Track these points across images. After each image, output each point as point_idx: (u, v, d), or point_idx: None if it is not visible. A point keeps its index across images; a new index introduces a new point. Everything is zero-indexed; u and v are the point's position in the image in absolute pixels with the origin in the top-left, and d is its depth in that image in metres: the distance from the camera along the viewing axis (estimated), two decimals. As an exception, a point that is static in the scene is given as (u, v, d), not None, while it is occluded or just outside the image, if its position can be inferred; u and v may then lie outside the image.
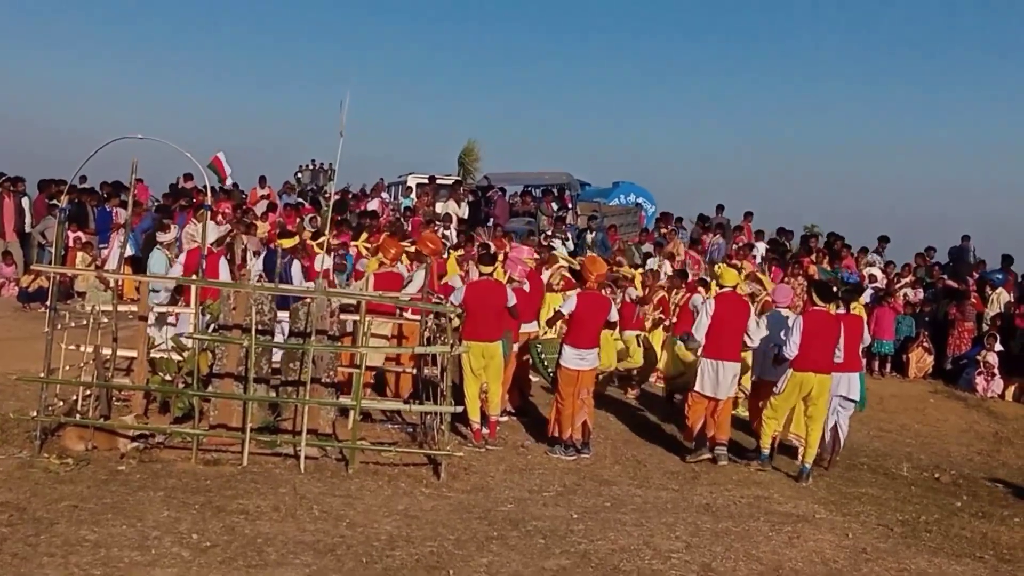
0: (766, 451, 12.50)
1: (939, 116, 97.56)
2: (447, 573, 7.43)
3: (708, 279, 17.76)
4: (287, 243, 15.15)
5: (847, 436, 13.29)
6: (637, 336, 16.80)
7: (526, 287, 14.19)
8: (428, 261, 13.82)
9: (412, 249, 14.96)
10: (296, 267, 14.57)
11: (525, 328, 14.02)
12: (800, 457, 12.29)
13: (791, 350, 11.96)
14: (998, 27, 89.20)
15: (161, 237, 16.30)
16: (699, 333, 12.51)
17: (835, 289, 13.48)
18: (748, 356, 13.16)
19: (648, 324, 17.30)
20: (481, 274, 12.67)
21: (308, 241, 17.67)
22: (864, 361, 20.13)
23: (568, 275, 17.41)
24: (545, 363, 13.46)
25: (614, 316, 12.86)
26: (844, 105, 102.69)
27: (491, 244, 18.50)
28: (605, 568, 7.91)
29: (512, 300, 12.39)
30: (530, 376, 14.66)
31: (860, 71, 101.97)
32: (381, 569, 7.38)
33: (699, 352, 12.75)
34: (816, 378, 12.05)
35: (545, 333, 14.66)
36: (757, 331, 12.54)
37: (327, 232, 14.16)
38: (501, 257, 14.09)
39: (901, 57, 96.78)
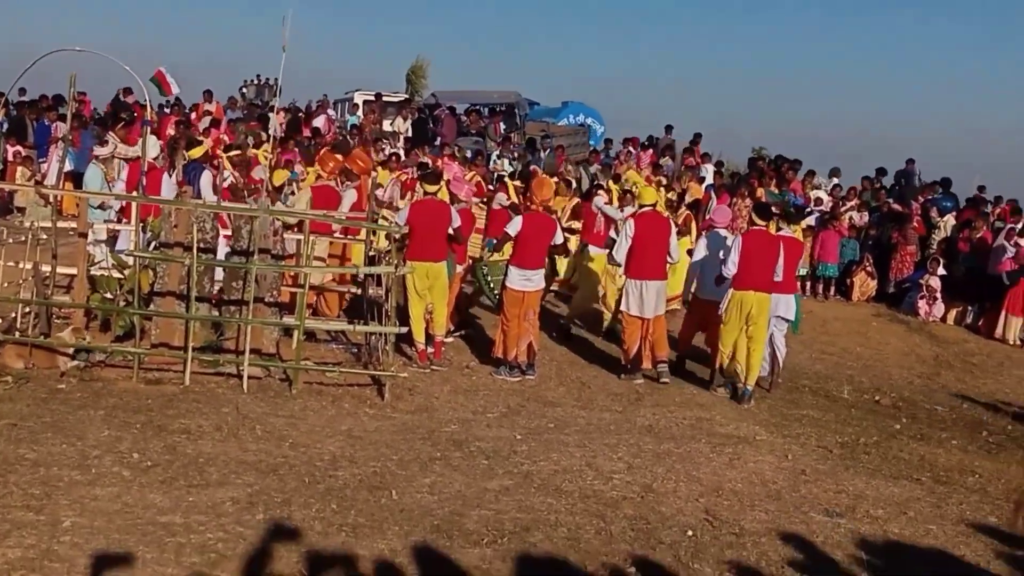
0: (732, 378, 12.47)
1: (889, 40, 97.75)
2: (390, 493, 7.44)
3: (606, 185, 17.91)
4: (195, 152, 14.88)
5: (786, 357, 13.38)
6: None
7: (472, 208, 14.17)
8: (357, 180, 13.74)
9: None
10: (205, 177, 14.31)
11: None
12: (742, 379, 12.33)
13: (730, 269, 12.03)
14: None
15: (97, 151, 15.96)
16: (619, 254, 12.65)
17: (775, 210, 13.55)
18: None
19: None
20: (426, 193, 12.53)
21: (252, 152, 17.46)
22: (808, 284, 20.56)
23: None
24: (491, 284, 13.45)
25: (559, 238, 12.79)
26: (794, 31, 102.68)
27: (430, 162, 18.44)
28: (547, 488, 7.95)
29: (457, 222, 12.29)
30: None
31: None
32: (324, 489, 7.38)
33: (622, 272, 12.88)
34: (755, 296, 12.10)
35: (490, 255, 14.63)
36: (709, 257, 12.62)
37: (272, 149, 13.99)
38: (447, 177, 13.95)
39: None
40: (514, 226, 12.41)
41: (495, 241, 13.21)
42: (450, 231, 12.13)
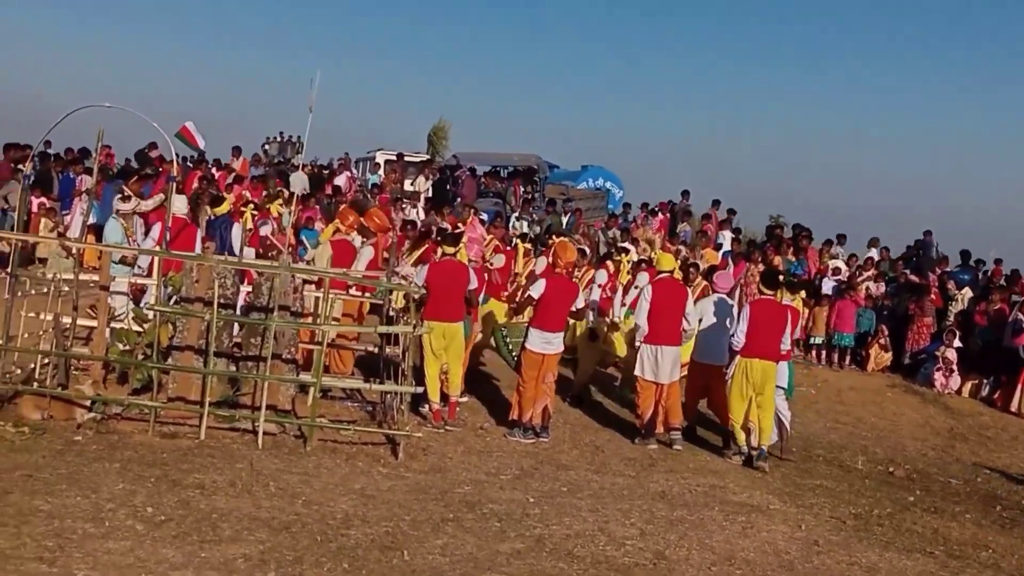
0: (745, 448, 12.51)
1: (902, 110, 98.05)
2: (402, 554, 7.43)
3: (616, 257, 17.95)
4: (220, 209, 15.00)
5: (801, 427, 13.38)
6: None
7: (494, 263, 14.33)
8: (373, 238, 13.86)
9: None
10: (236, 230, 14.46)
11: None
12: (756, 442, 12.37)
13: (739, 338, 12.19)
14: (962, 22, 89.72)
15: (119, 206, 16.08)
16: (640, 319, 12.68)
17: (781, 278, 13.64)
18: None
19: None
20: (444, 254, 12.64)
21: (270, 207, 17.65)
22: (824, 353, 20.53)
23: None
24: (510, 347, 13.53)
25: (580, 302, 12.91)
26: (809, 97, 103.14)
27: (449, 224, 18.54)
28: (560, 553, 7.93)
29: (474, 283, 12.39)
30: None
31: (826, 63, 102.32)
32: (336, 548, 7.38)
33: (639, 338, 12.88)
34: (761, 364, 12.20)
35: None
36: (705, 320, 12.84)
37: (294, 206, 14.15)
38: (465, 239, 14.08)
39: (864, 50, 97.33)
40: (537, 288, 12.45)
41: (487, 298, 13.39)
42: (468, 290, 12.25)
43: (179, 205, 13.82)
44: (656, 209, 28.71)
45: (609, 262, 17.42)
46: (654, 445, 12.66)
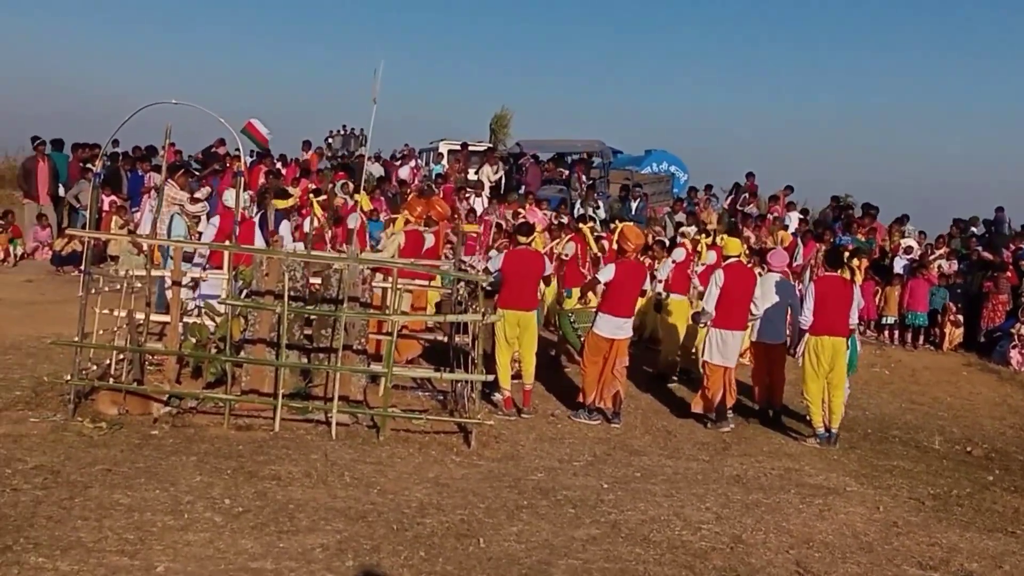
0: (821, 430, 12.46)
1: (976, 85, 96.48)
2: (478, 541, 7.45)
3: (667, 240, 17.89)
4: (281, 204, 15.10)
5: (872, 407, 13.21)
6: None
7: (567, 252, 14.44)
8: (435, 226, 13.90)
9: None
10: (284, 225, 14.51)
11: None
12: (826, 423, 12.41)
13: (807, 316, 12.26)
14: None
15: (189, 208, 16.19)
16: (709, 304, 12.71)
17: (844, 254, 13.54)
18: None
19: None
20: (519, 243, 12.71)
21: (343, 199, 17.74)
22: (897, 332, 20.27)
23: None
24: (578, 332, 13.52)
25: (647, 284, 12.85)
26: (877, 73, 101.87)
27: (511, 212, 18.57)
28: (635, 538, 7.91)
29: (549, 270, 12.48)
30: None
31: (896, 38, 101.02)
32: (412, 536, 7.40)
33: (708, 322, 12.85)
34: (831, 341, 12.23)
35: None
36: (763, 300, 12.87)
37: (360, 197, 14.21)
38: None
39: (937, 24, 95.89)
40: (606, 273, 12.49)
41: (571, 291, 13.32)
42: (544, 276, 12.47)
43: (228, 199, 13.88)
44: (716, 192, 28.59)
45: (686, 240, 17.28)
46: (729, 427, 12.65)
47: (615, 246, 13.19)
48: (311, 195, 17.54)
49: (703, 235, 17.69)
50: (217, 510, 7.55)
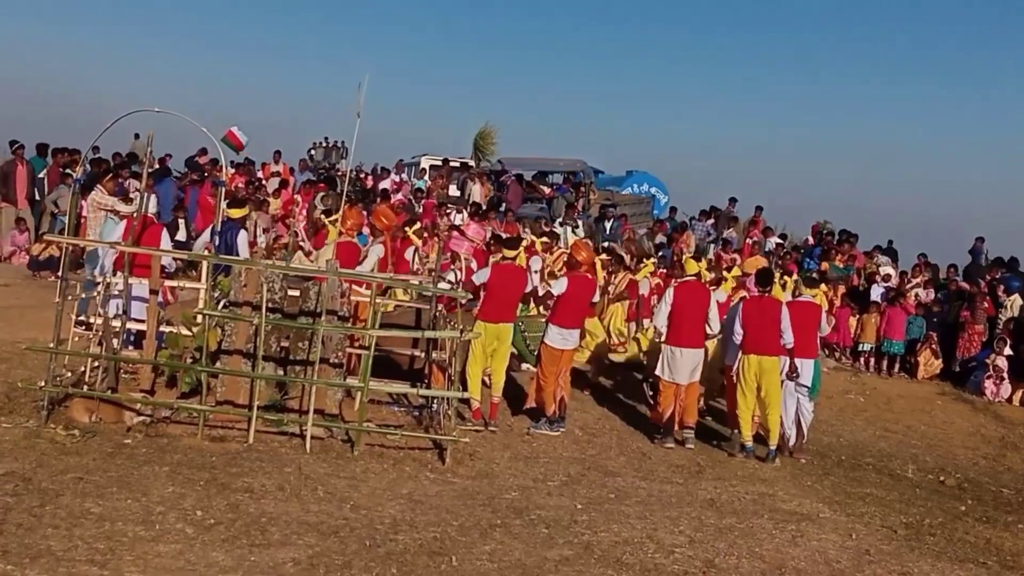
0: (749, 444, 12.82)
1: (955, 117, 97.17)
2: (450, 559, 7.42)
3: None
4: (236, 213, 15.03)
5: (846, 434, 13.26)
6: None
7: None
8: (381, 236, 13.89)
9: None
10: (242, 237, 14.44)
11: None
12: (767, 441, 12.74)
13: (737, 335, 12.63)
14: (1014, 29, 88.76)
15: (122, 208, 16.02)
16: (659, 321, 12.96)
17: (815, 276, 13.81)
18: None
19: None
20: (504, 258, 12.85)
21: (321, 219, 17.66)
22: (872, 360, 20.33)
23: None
24: (527, 341, 13.70)
25: (596, 297, 13.42)
26: (858, 104, 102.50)
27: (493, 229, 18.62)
28: (608, 560, 7.88)
29: (531, 286, 12.67)
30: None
31: (877, 70, 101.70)
32: (384, 553, 7.37)
33: (661, 339, 13.09)
34: (757, 360, 12.56)
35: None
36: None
37: (339, 210, 14.16)
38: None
39: (917, 57, 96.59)
40: (559, 286, 12.69)
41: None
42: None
43: (151, 205, 13.78)
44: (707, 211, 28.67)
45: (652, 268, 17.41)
46: (671, 444, 12.85)
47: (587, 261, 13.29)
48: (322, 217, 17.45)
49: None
50: (189, 521, 7.50)
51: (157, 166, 26.08)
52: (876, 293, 21.44)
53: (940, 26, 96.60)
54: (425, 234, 19.54)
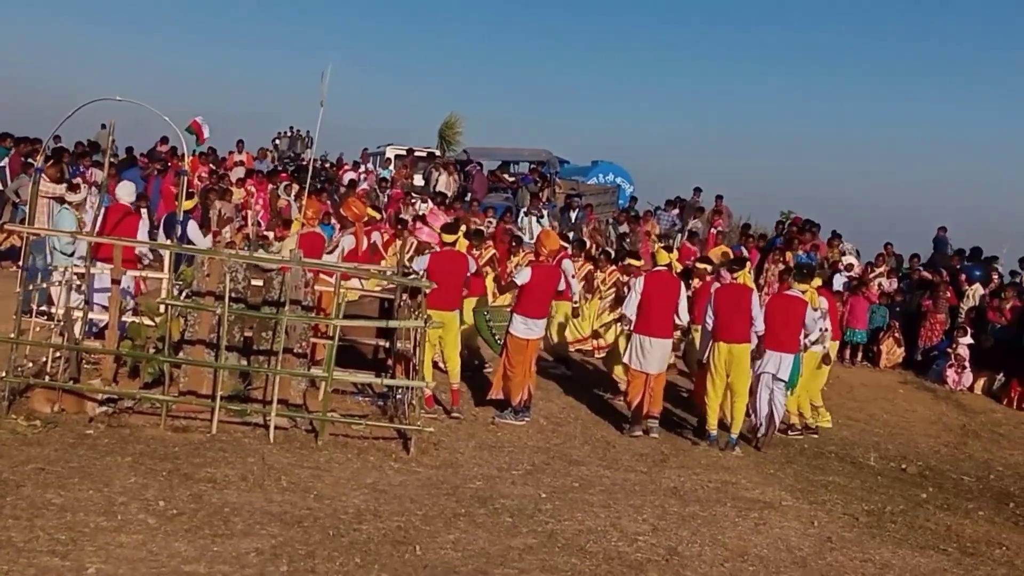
0: (713, 433, 12.86)
1: (920, 109, 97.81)
2: (414, 548, 7.42)
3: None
4: (186, 204, 14.97)
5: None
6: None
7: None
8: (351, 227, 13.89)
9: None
10: (192, 227, 14.40)
11: None
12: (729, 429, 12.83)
13: (708, 323, 12.72)
14: (976, 22, 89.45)
15: (70, 197, 15.95)
16: (629, 309, 12.98)
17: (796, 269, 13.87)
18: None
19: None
20: (444, 244, 12.95)
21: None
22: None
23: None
24: (492, 330, 13.74)
25: (562, 286, 13.36)
26: (824, 96, 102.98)
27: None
28: (571, 548, 7.91)
29: (473, 267, 12.74)
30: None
31: (842, 63, 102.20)
32: (347, 543, 7.36)
33: (630, 328, 13.11)
34: (727, 347, 12.60)
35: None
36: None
37: (303, 201, 14.11)
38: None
39: (879, 49, 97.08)
40: (522, 276, 12.75)
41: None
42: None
43: (122, 193, 13.73)
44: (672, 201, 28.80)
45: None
46: (639, 433, 12.83)
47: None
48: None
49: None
50: (151, 512, 7.47)
51: (124, 155, 26.02)
52: (839, 282, 21.53)
53: (900, 17, 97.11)
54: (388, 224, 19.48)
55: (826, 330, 13.79)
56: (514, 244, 18.86)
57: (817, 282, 14.20)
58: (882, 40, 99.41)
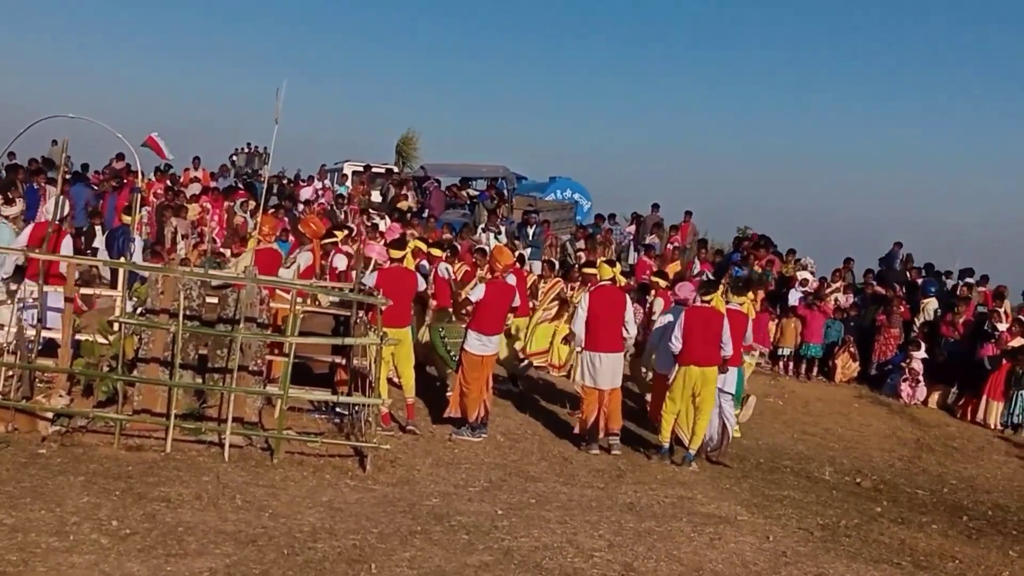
0: (665, 445, 12.90)
1: (880, 122, 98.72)
2: (369, 567, 7.40)
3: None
4: (126, 218, 14.86)
5: (765, 437, 13.38)
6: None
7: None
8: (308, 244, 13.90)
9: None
10: (137, 244, 14.37)
11: None
12: (687, 445, 12.79)
13: (675, 345, 12.50)
14: (929, 36, 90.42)
15: (5, 211, 15.88)
16: (577, 327, 12.99)
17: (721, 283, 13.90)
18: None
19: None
20: (392, 260, 12.99)
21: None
22: (791, 364, 20.58)
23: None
24: (448, 347, 13.71)
25: (517, 301, 13.40)
26: (781, 110, 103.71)
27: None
28: (528, 565, 7.91)
29: (423, 285, 12.73)
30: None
31: (801, 76, 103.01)
32: (302, 561, 7.33)
33: (580, 345, 13.14)
34: (698, 371, 12.50)
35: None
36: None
37: (259, 217, 14.06)
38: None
39: (834, 64, 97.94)
40: (476, 293, 12.76)
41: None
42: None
43: (48, 210, 13.71)
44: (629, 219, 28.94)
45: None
46: (596, 451, 12.84)
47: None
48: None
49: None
50: (104, 532, 7.42)
51: (77, 171, 25.86)
52: (794, 297, 21.68)
53: (854, 31, 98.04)
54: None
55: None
56: (479, 258, 18.85)
57: (751, 296, 14.27)
58: (837, 53, 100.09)
